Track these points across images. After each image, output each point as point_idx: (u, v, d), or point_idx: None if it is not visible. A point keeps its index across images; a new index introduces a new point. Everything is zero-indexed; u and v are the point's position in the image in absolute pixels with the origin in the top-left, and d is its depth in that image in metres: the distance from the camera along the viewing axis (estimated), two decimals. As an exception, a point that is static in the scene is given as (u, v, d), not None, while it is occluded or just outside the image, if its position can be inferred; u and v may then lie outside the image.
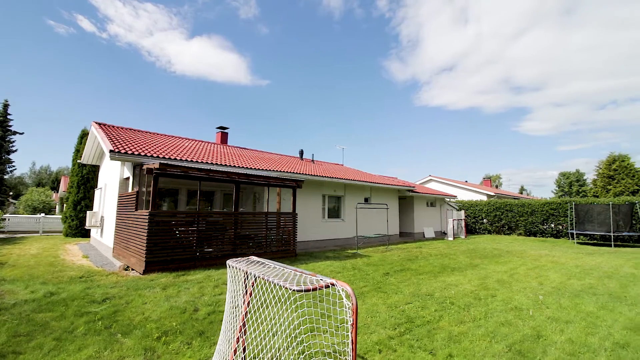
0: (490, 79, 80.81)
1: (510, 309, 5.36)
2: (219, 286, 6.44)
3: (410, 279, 7.58)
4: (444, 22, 64.36)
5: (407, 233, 19.23)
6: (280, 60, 68.19)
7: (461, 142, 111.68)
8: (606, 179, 29.66)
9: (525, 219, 21.38)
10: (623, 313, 5.20)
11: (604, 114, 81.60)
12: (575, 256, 12.06)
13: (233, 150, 14.38)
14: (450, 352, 3.71)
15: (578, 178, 59.34)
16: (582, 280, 7.67)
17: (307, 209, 12.93)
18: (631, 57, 62.26)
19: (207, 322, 4.60)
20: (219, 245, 8.65)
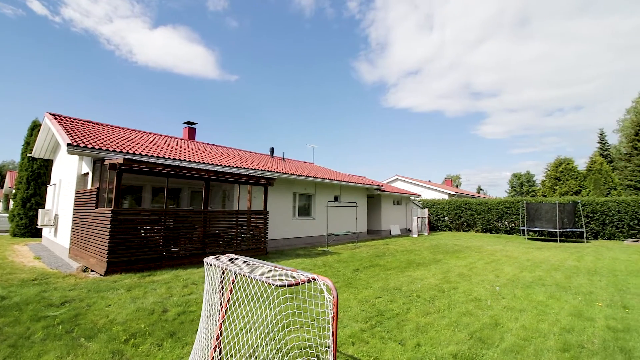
0: (452, 84, 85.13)
1: (470, 300, 5.75)
2: (188, 286, 6.28)
3: (379, 274, 7.86)
4: (411, 27, 66.74)
5: (375, 230, 19.79)
6: (250, 56, 66.88)
7: (425, 143, 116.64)
8: (553, 180, 32.39)
9: (482, 216, 22.82)
10: (568, 301, 5.79)
11: (551, 121, 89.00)
12: (526, 251, 13.11)
13: (202, 146, 13.96)
14: (418, 341, 3.93)
15: (528, 179, 64.26)
16: (532, 273, 8.39)
17: (278, 207, 12.89)
18: (575, 68, 68.44)
19: (177, 322, 4.49)
20: (187, 244, 8.40)
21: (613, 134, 40.24)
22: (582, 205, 18.91)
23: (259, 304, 4.32)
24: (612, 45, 61.47)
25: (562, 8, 58.58)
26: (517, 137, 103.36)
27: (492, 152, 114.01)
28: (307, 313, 4.42)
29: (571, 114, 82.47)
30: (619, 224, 18.01)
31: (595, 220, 18.67)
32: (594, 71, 66.95)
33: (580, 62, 66.99)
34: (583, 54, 65.29)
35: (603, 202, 18.62)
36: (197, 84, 70.39)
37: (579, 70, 68.62)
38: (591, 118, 77.30)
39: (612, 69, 64.01)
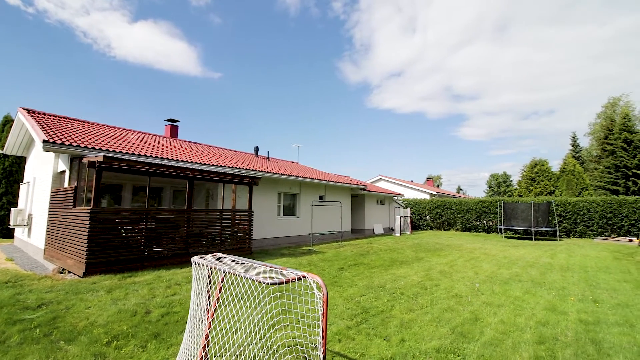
0: (434, 86, 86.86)
1: (452, 297, 5.94)
2: (171, 287, 6.18)
3: (364, 272, 7.98)
4: (394, 29, 67.65)
5: (359, 230, 19.99)
6: (234, 54, 65.78)
7: (408, 143, 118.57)
8: (529, 180, 33.70)
9: (462, 216, 23.47)
10: (543, 296, 6.07)
11: (527, 124, 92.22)
12: (504, 248, 13.60)
13: (185, 144, 13.69)
14: (403, 337, 4.04)
15: (505, 179, 66.46)
16: (509, 270, 8.73)
17: (263, 206, 12.83)
18: (550, 74, 71.29)
19: (161, 323, 4.42)
20: (169, 244, 8.24)
21: (584, 137, 42.34)
22: (556, 205, 19.78)
23: (248, 303, 4.33)
24: (584, 53, 64.49)
25: (539, 15, 60.90)
26: (495, 139, 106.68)
27: (471, 153, 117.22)
28: (294, 311, 4.45)
29: (545, 117, 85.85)
30: (590, 222, 18.95)
31: (567, 219, 19.57)
32: (567, 77, 69.94)
33: (554, 68, 69.86)
34: (557, 60, 68.15)
35: (575, 202, 19.54)
36: (178, 81, 68.54)
37: (553, 75, 71.55)
38: (564, 122, 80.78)
39: (583, 75, 67.11)
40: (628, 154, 28.34)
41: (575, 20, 59.25)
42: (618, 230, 18.21)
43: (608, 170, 29.58)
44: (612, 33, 57.51)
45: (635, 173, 27.86)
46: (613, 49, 60.59)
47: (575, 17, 58.81)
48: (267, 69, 70.54)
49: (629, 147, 28.51)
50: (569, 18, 59.27)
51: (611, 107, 37.02)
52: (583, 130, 68.12)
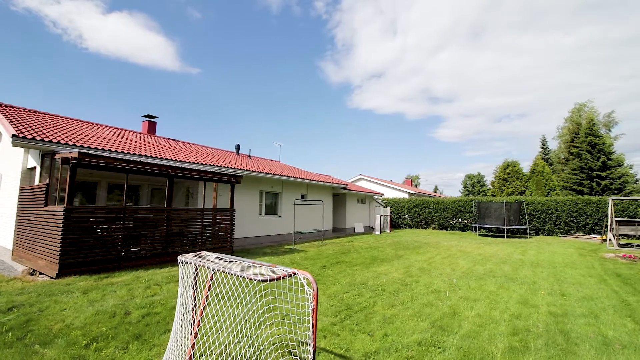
0: (413, 88, 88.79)
1: (431, 292, 6.15)
2: (151, 287, 6.04)
3: (346, 270, 8.09)
4: (376, 30, 68.56)
5: (340, 228, 20.18)
6: (214, 49, 64.37)
7: (387, 143, 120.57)
8: (501, 181, 35.15)
9: (439, 214, 24.18)
10: (515, 291, 6.39)
11: (499, 126, 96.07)
12: (478, 246, 14.15)
13: (163, 141, 13.32)
14: (386, 332, 4.16)
15: (479, 180, 68.93)
16: (484, 266, 9.11)
17: (244, 205, 12.71)
18: (521, 79, 74.53)
19: (142, 324, 4.32)
20: (148, 243, 8.03)
21: (553, 140, 44.60)
22: (526, 205, 20.76)
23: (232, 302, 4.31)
24: (552, 60, 67.87)
25: (511, 22, 63.52)
26: (470, 140, 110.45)
27: (447, 154, 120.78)
28: (279, 309, 4.48)
29: (517, 120, 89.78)
30: (557, 221, 20.03)
31: (537, 218, 20.59)
32: (536, 82, 73.37)
33: (525, 73, 73.14)
34: (528, 66, 71.35)
35: (544, 202, 20.59)
36: (155, 76, 66.23)
37: (524, 80, 74.89)
38: (534, 125, 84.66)
39: (552, 81, 70.62)
40: (592, 156, 30.13)
41: (543, 29, 62.23)
42: (583, 228, 19.36)
43: (574, 171, 31.33)
44: (577, 42, 60.94)
45: (598, 174, 29.67)
46: (577, 57, 64.18)
47: (544, 25, 61.78)
48: (248, 66, 69.61)
49: (593, 150, 30.32)
50: (538, 26, 62.19)
51: (577, 112, 39.19)
52: (552, 133, 71.51)
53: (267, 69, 72.98)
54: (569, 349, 3.70)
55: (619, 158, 29.97)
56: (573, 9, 56.77)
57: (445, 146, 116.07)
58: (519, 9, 57.57)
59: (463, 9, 58.49)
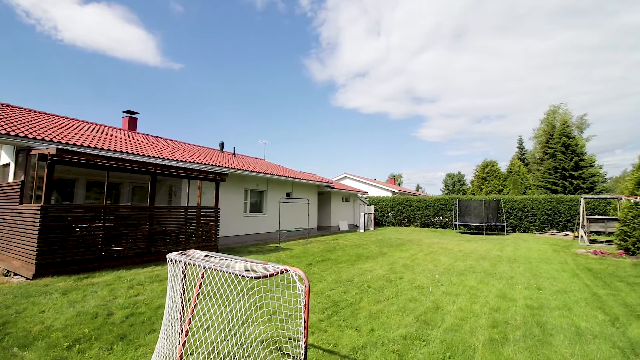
0: (396, 88, 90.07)
1: (414, 288, 6.31)
2: (134, 287, 5.92)
3: (331, 267, 8.17)
4: (360, 30, 69.00)
5: (325, 226, 20.28)
6: (196, 45, 62.96)
7: (371, 142, 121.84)
8: (480, 180, 36.19)
9: (421, 212, 24.70)
10: (494, 285, 6.65)
11: (479, 127, 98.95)
12: (459, 243, 14.57)
13: (145, 138, 12.97)
14: (372, 327, 4.26)
15: (460, 179, 70.75)
16: (464, 262, 9.40)
17: (229, 203, 12.57)
18: (500, 81, 76.94)
19: (126, 325, 4.25)
20: (129, 243, 7.83)
21: (529, 140, 46.12)
22: (504, 203, 21.51)
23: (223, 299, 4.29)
24: (530, 63, 70.40)
25: (491, 26, 65.43)
26: (451, 140, 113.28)
27: (429, 153, 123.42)
28: (265, 307, 4.50)
29: (496, 121, 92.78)
30: (532, 219, 20.87)
31: (514, 216, 21.38)
32: (515, 85, 75.99)
33: (504, 76, 75.63)
34: (506, 69, 73.79)
35: (520, 200, 21.40)
36: (135, 70, 64.06)
37: (503, 83, 77.43)
38: (512, 126, 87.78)
39: (529, 84, 73.26)
40: (566, 157, 31.50)
41: (522, 33, 64.46)
42: (556, 225, 20.26)
43: (549, 171, 32.67)
44: (553, 46, 63.45)
45: (571, 174, 31.06)
46: (554, 61, 66.84)
47: (523, 29, 63.99)
48: (232, 62, 68.63)
49: (566, 151, 31.69)
50: (517, 30, 64.35)
51: (552, 114, 40.84)
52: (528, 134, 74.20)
53: (251, 66, 72.17)
54: (545, 340, 3.91)
55: (590, 159, 31.47)
56: (550, 14, 59.05)
57: (427, 146, 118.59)
58: (499, 13, 59.36)
59: (446, 11, 59.78)
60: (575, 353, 3.56)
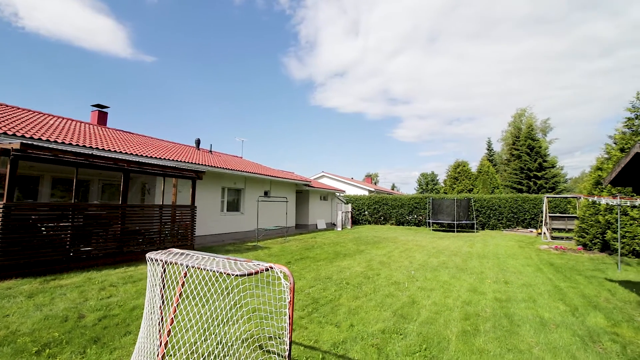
0: (373, 89, 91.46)
1: (391, 284, 6.50)
2: (105, 289, 5.71)
3: (310, 265, 8.24)
4: (339, 30, 69.40)
5: (303, 225, 20.31)
6: (171, 38, 60.68)
7: (348, 142, 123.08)
8: (452, 179, 37.51)
9: (396, 211, 25.30)
10: (466, 280, 6.97)
11: (451, 128, 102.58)
12: (432, 240, 15.09)
13: (116, 133, 12.41)
14: (351, 322, 4.36)
15: (433, 178, 72.94)
16: (438, 258, 9.77)
17: (205, 202, 12.32)
18: (470, 85, 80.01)
19: (100, 327, 4.10)
20: (100, 243, 7.51)
21: (497, 142, 48.36)
22: (474, 202, 22.47)
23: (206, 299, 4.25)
24: (499, 68, 73.74)
25: (463, 31, 67.88)
26: (425, 141, 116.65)
27: (404, 153, 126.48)
28: (247, 304, 4.49)
29: (466, 123, 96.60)
30: (500, 216, 21.94)
31: (483, 214, 22.38)
32: (484, 88, 79.38)
33: (474, 79, 78.81)
34: (476, 73, 76.91)
35: (489, 199, 22.43)
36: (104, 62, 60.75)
37: (473, 86, 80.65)
38: (481, 128, 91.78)
39: (498, 87, 76.80)
40: (531, 158, 33.32)
41: (492, 39, 67.39)
42: (522, 222, 21.41)
43: (515, 171, 34.42)
44: (521, 53, 66.81)
45: (535, 175, 32.90)
46: (521, 66, 70.39)
47: (493, 35, 66.89)
48: (207, 57, 66.90)
49: (531, 153, 33.53)
50: (488, 36, 67.18)
51: (519, 118, 43.00)
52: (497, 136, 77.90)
53: (228, 62, 70.69)
54: (513, 330, 4.17)
55: (552, 160, 33.46)
56: (519, 21, 62.09)
57: (402, 146, 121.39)
58: (472, 18, 61.66)
59: (421, 15, 61.32)
60: (540, 342, 3.83)
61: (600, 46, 61.56)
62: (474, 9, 59.37)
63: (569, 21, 58.64)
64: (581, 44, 61.98)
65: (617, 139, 11.49)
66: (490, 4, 57.70)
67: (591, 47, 61.81)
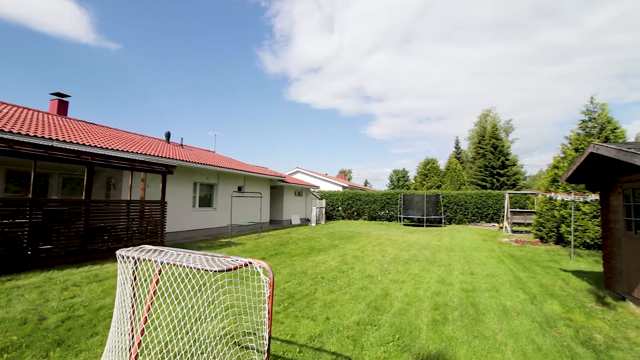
0: (348, 85, 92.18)
1: (365, 277, 6.67)
2: (68, 289, 5.41)
3: (285, 261, 8.25)
4: (314, 25, 69.10)
5: (277, 220, 20.21)
6: (138, 24, 57.59)
7: (323, 138, 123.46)
8: (422, 176, 38.82)
9: (369, 206, 25.82)
10: (435, 272, 7.29)
11: (421, 127, 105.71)
12: (403, 234, 15.57)
13: (79, 124, 11.64)
14: (327, 315, 4.44)
15: (404, 175, 74.99)
16: (408, 252, 10.12)
17: (176, 197, 11.91)
18: (439, 86, 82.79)
19: (63, 329, 3.90)
20: (61, 240, 7.08)
21: (464, 141, 50.64)
22: (442, 197, 23.40)
23: (183, 296, 4.16)
24: (466, 69, 76.83)
25: (435, 33, 69.98)
26: (397, 139, 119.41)
27: (377, 150, 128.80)
28: (220, 301, 4.44)
29: (436, 122, 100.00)
30: (466, 211, 23.02)
31: (450, 209, 23.37)
32: (452, 89, 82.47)
33: (444, 80, 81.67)
34: (446, 74, 79.70)
35: (456, 195, 23.45)
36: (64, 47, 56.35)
37: (443, 87, 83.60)
38: (450, 127, 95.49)
39: (465, 89, 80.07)
40: (494, 156, 35.15)
41: (460, 41, 70.01)
42: (485, 217, 22.60)
43: (480, 169, 36.19)
44: (485, 56, 69.98)
45: (498, 172, 34.78)
46: (486, 69, 73.76)
47: (460, 38, 69.49)
48: (177, 47, 64.22)
49: (495, 151, 35.37)
50: (457, 39, 69.69)
51: (484, 118, 45.13)
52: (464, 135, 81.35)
53: (200, 53, 68.26)
54: (478, 318, 4.43)
55: (514, 159, 35.52)
56: (484, 26, 64.87)
57: (375, 143, 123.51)
58: (443, 21, 63.64)
59: (396, 15, 62.40)
60: (503, 328, 4.10)
61: (558, 52, 65.91)
62: (445, 12, 61.31)
63: (529, 28, 62.18)
64: (541, 50, 65.98)
65: (572, 140, 12.40)
66: (458, 9, 59.85)
67: (550, 53, 65.98)
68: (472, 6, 59.03)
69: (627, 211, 5.32)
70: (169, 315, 3.71)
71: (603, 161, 5.20)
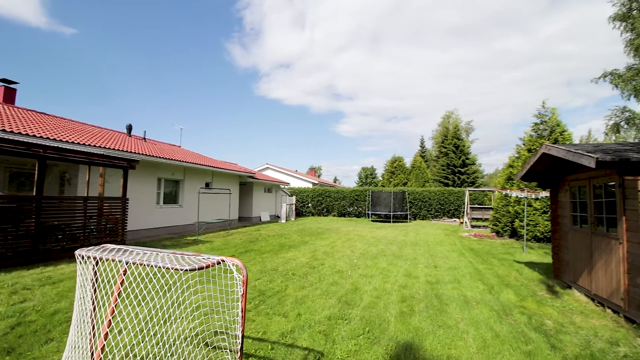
0: (318, 83, 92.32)
1: (335, 272, 6.78)
2: (18, 292, 5.01)
3: (255, 258, 8.16)
4: (285, 20, 68.33)
5: (246, 217, 19.87)
6: (96, 8, 53.55)
7: (292, 134, 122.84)
8: (389, 173, 39.93)
9: (338, 203, 26.15)
10: (402, 266, 7.57)
11: (389, 126, 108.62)
12: (371, 230, 15.97)
13: (29, 114, 10.63)
14: (299, 312, 4.48)
15: (372, 172, 76.60)
16: (376, 247, 10.40)
17: (139, 194, 11.32)
18: (406, 86, 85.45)
19: (13, 336, 3.61)
20: (9, 240, 6.49)
21: (429, 140, 52.52)
22: (408, 194, 24.25)
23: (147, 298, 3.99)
24: (432, 72, 79.84)
25: (402, 34, 71.91)
26: (365, 137, 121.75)
27: (346, 147, 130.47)
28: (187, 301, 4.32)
29: (402, 122, 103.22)
30: (429, 207, 24.04)
31: (415, 205, 24.29)
32: (418, 90, 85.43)
33: (410, 81, 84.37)
34: (412, 75, 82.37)
35: (420, 192, 24.40)
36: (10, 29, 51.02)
37: (409, 88, 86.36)
38: (416, 127, 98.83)
39: (430, 90, 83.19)
40: (456, 155, 36.95)
41: (425, 44, 72.58)
42: (447, 213, 23.74)
43: (442, 167, 37.89)
44: (449, 59, 73.13)
45: (459, 170, 36.64)
46: (449, 72, 77.12)
47: (426, 41, 72.03)
48: (139, 32, 60.64)
49: (457, 151, 37.18)
50: (422, 41, 72.16)
51: (447, 119, 47.19)
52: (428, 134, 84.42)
53: (162, 39, 64.91)
54: (442, 309, 4.68)
55: (473, 158, 37.57)
56: (448, 31, 67.68)
57: (344, 140, 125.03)
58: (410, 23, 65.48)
59: (365, 15, 63.25)
60: (465, 317, 4.37)
61: (514, 59, 70.37)
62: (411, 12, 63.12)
63: (488, 35, 65.85)
64: (498, 56, 70.10)
65: (525, 141, 13.35)
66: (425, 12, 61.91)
67: (506, 59, 70.28)
68: (435, 11, 61.34)
69: (573, 207, 5.84)
70: (135, 318, 3.56)
71: (553, 161, 5.67)
